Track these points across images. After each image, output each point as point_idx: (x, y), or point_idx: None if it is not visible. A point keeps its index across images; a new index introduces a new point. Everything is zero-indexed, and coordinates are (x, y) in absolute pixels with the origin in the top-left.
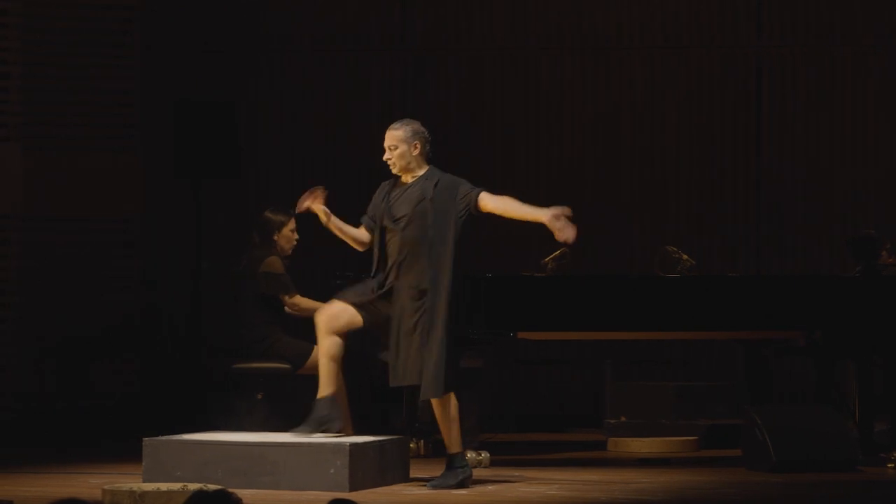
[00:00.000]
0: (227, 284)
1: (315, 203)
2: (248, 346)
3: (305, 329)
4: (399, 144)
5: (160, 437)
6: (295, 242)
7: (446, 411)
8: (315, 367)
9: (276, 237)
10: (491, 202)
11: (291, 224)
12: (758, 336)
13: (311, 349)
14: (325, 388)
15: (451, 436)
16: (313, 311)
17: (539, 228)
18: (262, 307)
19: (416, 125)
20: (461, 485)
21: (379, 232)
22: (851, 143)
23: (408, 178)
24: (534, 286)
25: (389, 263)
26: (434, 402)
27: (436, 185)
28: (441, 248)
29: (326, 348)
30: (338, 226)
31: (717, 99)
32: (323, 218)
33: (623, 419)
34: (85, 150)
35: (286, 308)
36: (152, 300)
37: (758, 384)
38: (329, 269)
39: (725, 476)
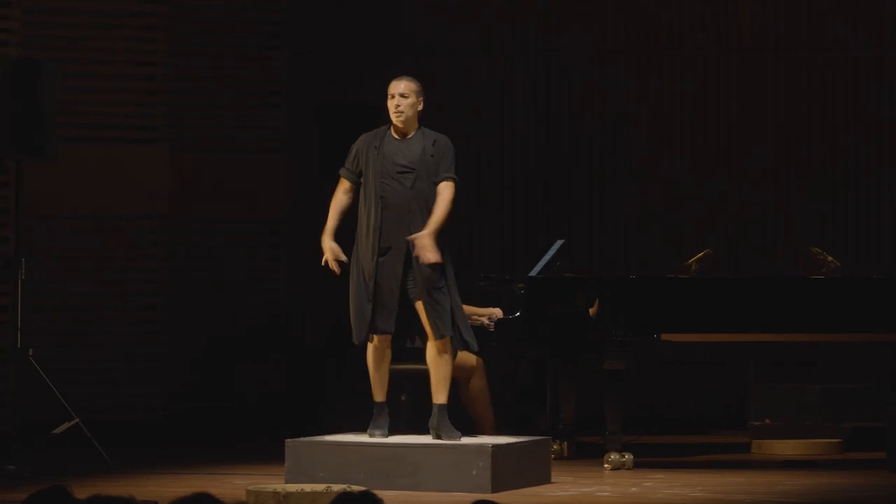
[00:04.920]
0: None
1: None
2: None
3: None
4: (411, 95)
5: (302, 439)
6: None
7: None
8: (459, 372)
9: None
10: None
11: None
12: None
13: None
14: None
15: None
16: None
17: (683, 230)
18: None
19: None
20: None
21: (375, 182)
22: None
23: (400, 133)
24: (677, 288)
25: (388, 221)
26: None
27: (434, 143)
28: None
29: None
30: (334, 228)
31: (841, 99)
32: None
33: (767, 421)
34: (231, 151)
35: None
36: (298, 301)
37: None
38: (473, 271)
39: (870, 479)
